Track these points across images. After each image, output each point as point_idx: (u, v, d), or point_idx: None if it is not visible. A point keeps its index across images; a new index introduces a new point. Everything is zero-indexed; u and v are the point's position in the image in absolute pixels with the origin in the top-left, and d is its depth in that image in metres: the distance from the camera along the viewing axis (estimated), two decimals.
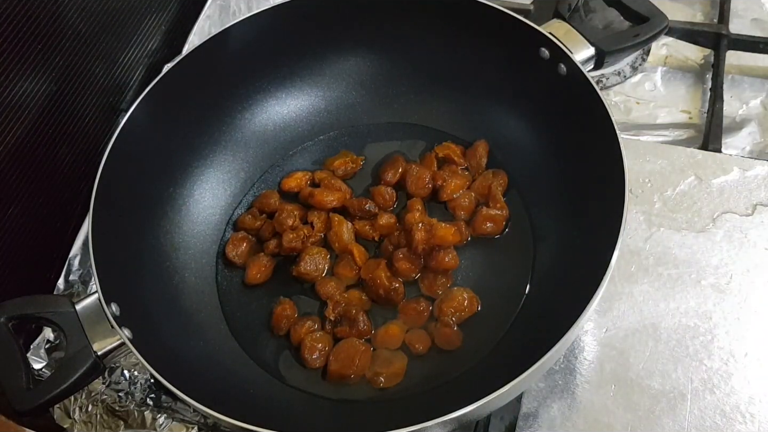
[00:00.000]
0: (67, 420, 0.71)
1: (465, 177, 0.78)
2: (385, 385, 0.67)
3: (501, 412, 0.66)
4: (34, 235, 0.78)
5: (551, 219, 0.73)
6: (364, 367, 0.67)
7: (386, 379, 0.67)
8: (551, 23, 0.73)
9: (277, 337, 0.71)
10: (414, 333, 0.69)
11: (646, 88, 0.92)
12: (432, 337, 0.69)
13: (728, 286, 0.72)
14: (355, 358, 0.67)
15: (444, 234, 0.70)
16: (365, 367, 0.67)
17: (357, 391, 0.67)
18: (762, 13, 0.97)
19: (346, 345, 0.68)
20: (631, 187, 0.76)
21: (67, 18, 0.78)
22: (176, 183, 0.78)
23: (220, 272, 0.76)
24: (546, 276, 0.70)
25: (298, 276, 0.73)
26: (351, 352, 0.68)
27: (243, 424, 0.54)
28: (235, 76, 0.81)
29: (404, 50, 0.83)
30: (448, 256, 0.70)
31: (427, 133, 0.83)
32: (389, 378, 0.67)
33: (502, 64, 0.78)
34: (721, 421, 0.64)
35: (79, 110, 0.82)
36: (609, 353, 0.69)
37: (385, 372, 0.67)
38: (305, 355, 0.68)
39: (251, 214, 0.78)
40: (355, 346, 0.68)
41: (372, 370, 0.67)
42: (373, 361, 0.68)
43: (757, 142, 0.85)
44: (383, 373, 0.67)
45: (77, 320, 0.60)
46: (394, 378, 0.67)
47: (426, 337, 0.69)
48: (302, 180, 0.80)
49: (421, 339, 0.68)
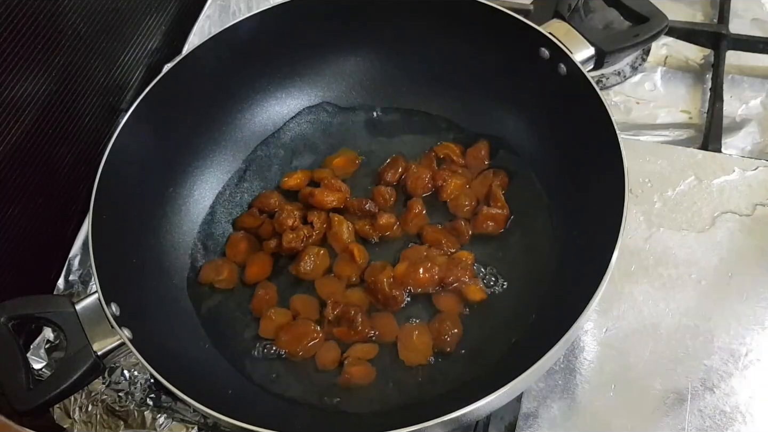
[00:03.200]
0: (67, 420, 0.71)
1: (465, 176, 0.78)
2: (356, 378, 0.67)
3: (501, 412, 0.66)
4: (34, 235, 0.78)
5: (551, 218, 0.73)
6: (311, 350, 0.69)
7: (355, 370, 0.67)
8: (551, 23, 0.73)
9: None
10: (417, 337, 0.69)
11: (646, 88, 0.92)
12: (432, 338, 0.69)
13: (728, 286, 0.72)
14: (304, 339, 0.69)
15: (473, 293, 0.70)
16: (313, 351, 0.69)
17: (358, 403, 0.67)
18: (762, 13, 0.97)
19: (299, 324, 0.70)
20: (631, 187, 0.76)
21: (67, 18, 0.78)
22: (176, 183, 0.78)
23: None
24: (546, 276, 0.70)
25: (297, 275, 0.74)
26: (301, 332, 0.69)
27: (243, 424, 0.54)
28: (235, 76, 0.81)
29: (404, 50, 0.83)
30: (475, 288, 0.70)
31: (426, 133, 0.83)
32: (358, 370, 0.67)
33: (502, 64, 0.78)
34: (721, 421, 0.64)
35: (79, 110, 0.82)
36: (609, 353, 0.69)
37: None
38: (262, 326, 0.71)
39: (251, 214, 0.78)
40: (308, 328, 0.69)
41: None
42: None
43: (757, 142, 0.85)
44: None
45: (77, 320, 0.60)
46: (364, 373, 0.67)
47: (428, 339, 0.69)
48: (302, 179, 0.80)
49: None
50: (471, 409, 0.53)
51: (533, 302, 0.69)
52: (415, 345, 0.68)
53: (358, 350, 0.69)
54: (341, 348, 0.69)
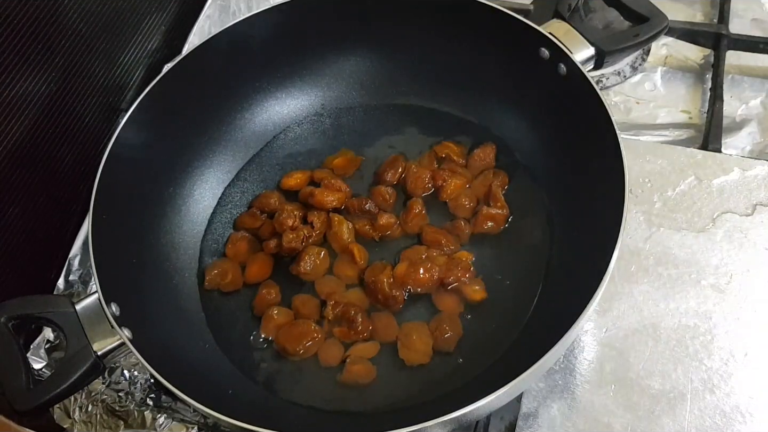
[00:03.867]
0: (67, 420, 0.71)
1: (465, 176, 0.78)
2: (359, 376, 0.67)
3: (501, 412, 0.66)
4: (34, 235, 0.78)
5: (550, 218, 0.73)
6: (311, 350, 0.69)
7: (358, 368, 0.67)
8: (551, 23, 0.73)
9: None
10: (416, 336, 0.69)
11: (646, 88, 0.92)
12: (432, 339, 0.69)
13: (728, 286, 0.72)
14: (305, 338, 0.69)
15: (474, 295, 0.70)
16: (313, 350, 0.69)
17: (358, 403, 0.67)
18: (762, 13, 0.97)
19: (299, 324, 0.70)
20: (631, 187, 0.76)
21: (67, 18, 0.78)
22: (176, 183, 0.78)
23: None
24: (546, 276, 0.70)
25: (297, 275, 0.73)
26: (301, 331, 0.69)
27: (243, 424, 0.54)
28: (235, 75, 0.81)
29: (404, 50, 0.83)
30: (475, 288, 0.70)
31: (426, 133, 0.83)
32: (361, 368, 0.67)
33: (502, 64, 0.78)
34: (721, 421, 0.64)
35: (79, 110, 0.82)
36: (609, 353, 0.69)
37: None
38: (263, 325, 0.71)
39: (251, 214, 0.78)
40: (308, 328, 0.69)
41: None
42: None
43: (757, 142, 0.85)
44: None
45: (77, 320, 0.60)
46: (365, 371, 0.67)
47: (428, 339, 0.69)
48: (301, 179, 0.80)
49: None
50: (471, 409, 0.53)
51: (533, 302, 0.69)
52: (415, 344, 0.68)
53: (359, 349, 0.69)
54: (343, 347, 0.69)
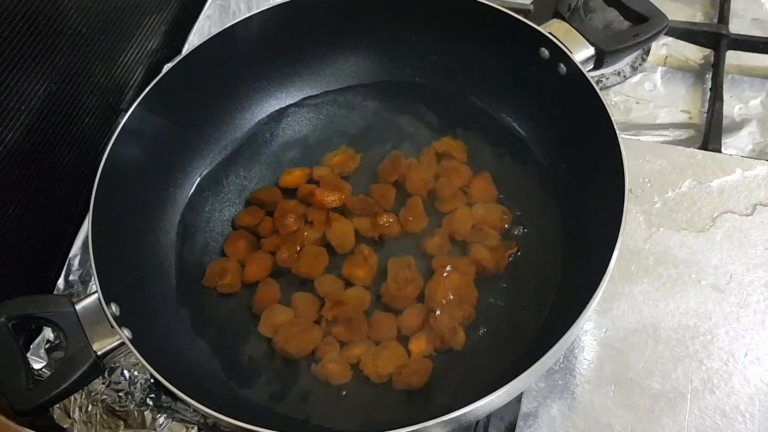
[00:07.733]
0: (67, 420, 0.71)
1: (465, 175, 0.77)
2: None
3: (501, 412, 0.66)
4: (34, 235, 0.78)
5: (551, 218, 0.73)
6: (309, 348, 0.68)
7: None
8: (551, 23, 0.73)
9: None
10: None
11: (646, 88, 0.92)
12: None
13: (728, 286, 0.72)
14: (303, 337, 0.68)
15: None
16: (311, 349, 0.68)
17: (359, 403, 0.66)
18: (762, 13, 0.97)
19: (297, 322, 0.69)
20: (631, 187, 0.76)
21: (67, 18, 0.77)
22: (176, 183, 0.78)
23: None
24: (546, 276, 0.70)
25: (297, 274, 0.73)
26: (299, 330, 0.69)
27: (243, 424, 0.54)
28: (234, 76, 0.81)
29: (404, 50, 0.83)
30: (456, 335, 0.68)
31: (426, 132, 0.82)
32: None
33: (502, 64, 0.78)
34: (721, 421, 0.64)
35: (78, 110, 0.82)
36: (609, 353, 0.69)
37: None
38: (262, 323, 0.70)
39: (250, 212, 0.78)
40: (306, 327, 0.69)
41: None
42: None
43: (757, 142, 0.85)
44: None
45: (77, 320, 0.60)
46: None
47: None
48: (300, 176, 0.80)
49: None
50: (471, 409, 0.53)
51: (533, 302, 0.69)
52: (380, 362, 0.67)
53: (360, 348, 0.68)
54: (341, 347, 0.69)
